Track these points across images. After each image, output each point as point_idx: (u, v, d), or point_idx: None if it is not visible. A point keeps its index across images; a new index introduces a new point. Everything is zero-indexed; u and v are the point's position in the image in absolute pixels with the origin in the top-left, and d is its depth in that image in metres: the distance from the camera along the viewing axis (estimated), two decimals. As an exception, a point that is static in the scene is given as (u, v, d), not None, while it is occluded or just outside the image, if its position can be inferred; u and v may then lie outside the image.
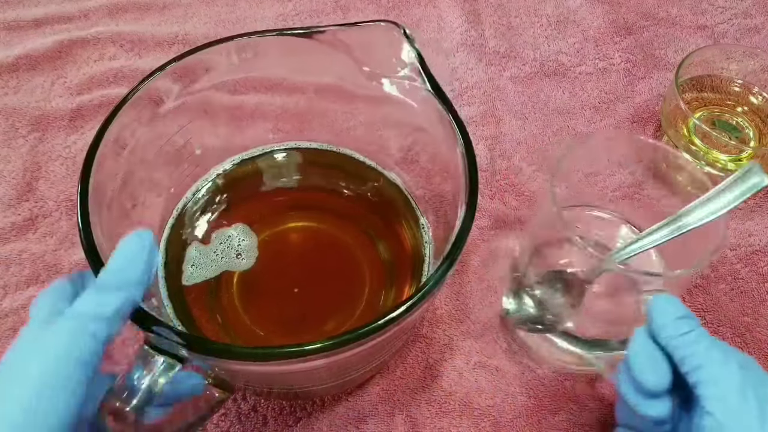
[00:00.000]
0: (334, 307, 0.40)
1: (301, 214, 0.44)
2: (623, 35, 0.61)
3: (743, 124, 0.52)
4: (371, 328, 0.28)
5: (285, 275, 0.41)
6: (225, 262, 0.41)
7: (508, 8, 0.63)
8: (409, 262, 0.42)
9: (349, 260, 0.42)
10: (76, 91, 0.56)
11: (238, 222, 0.43)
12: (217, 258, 0.41)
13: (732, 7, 0.64)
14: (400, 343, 0.40)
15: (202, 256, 0.41)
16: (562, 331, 0.40)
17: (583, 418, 0.41)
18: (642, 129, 0.55)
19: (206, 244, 0.42)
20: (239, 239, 0.42)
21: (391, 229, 0.43)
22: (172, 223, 0.42)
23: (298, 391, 0.38)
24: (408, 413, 0.41)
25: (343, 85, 0.42)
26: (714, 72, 0.54)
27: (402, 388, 0.42)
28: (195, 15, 0.62)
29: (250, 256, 0.41)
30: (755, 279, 0.47)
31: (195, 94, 0.40)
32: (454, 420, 0.41)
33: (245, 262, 0.41)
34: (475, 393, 0.42)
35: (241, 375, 0.32)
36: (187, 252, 0.41)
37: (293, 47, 0.39)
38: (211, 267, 0.41)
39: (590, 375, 0.42)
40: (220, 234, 0.42)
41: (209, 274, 0.40)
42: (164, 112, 0.39)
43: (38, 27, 0.60)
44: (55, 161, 0.51)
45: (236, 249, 0.41)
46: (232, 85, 0.42)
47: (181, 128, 0.41)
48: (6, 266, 0.46)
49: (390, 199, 0.44)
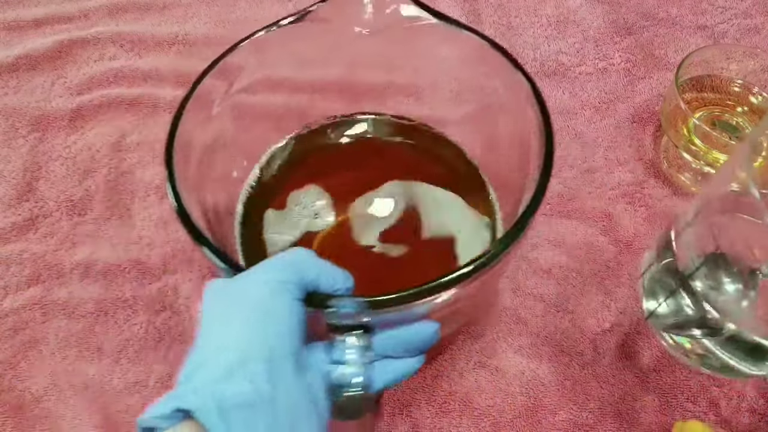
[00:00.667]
0: (412, 268, 0.41)
1: (370, 175, 0.45)
2: (623, 35, 0.61)
3: (743, 124, 0.52)
4: (484, 260, 0.29)
5: (347, 239, 0.42)
6: (305, 223, 0.42)
7: (508, 8, 0.63)
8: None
9: (419, 224, 0.43)
10: (76, 91, 0.56)
11: (309, 184, 0.43)
12: (296, 221, 0.42)
13: (732, 7, 0.64)
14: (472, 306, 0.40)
15: (280, 220, 0.42)
16: (728, 336, 0.33)
17: (583, 418, 0.41)
18: (642, 129, 0.55)
19: (281, 209, 0.42)
20: (313, 200, 0.42)
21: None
22: (249, 193, 0.43)
23: None
24: (408, 413, 0.41)
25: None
26: (714, 72, 0.54)
27: (402, 388, 0.42)
28: (195, 15, 0.62)
29: (327, 216, 0.42)
30: (755, 279, 0.47)
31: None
32: (454, 420, 0.41)
33: (323, 222, 0.42)
34: (475, 393, 0.42)
35: None
36: (265, 218, 0.42)
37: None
38: (292, 230, 0.41)
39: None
40: (294, 197, 0.43)
41: (291, 238, 0.41)
42: (241, 87, 0.40)
43: (38, 27, 0.60)
44: (55, 161, 0.51)
45: (312, 210, 0.42)
46: (299, 63, 0.44)
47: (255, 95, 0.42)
48: (6, 266, 0.46)
49: (455, 166, 0.45)
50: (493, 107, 0.42)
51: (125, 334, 0.44)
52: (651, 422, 0.41)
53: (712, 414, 0.41)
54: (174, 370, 0.42)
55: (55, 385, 0.42)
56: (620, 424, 0.41)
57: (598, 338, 0.44)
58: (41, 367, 0.43)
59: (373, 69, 0.47)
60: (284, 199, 0.43)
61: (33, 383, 0.42)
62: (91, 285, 0.46)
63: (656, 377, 0.43)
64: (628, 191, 0.51)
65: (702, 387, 0.42)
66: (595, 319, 0.45)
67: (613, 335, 0.44)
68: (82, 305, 0.45)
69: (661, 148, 0.54)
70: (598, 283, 0.46)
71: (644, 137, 0.54)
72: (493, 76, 0.40)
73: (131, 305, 0.45)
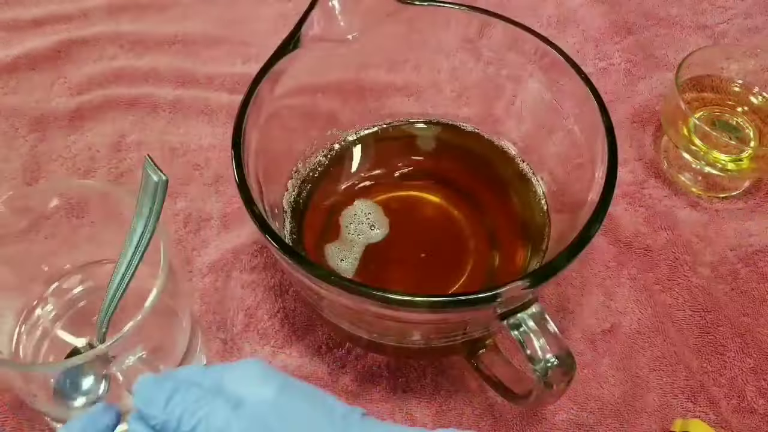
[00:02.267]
0: (458, 271, 0.42)
1: (410, 183, 0.47)
2: (623, 35, 0.61)
3: (743, 124, 0.52)
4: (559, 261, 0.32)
5: (408, 241, 0.44)
6: (364, 237, 0.43)
7: (509, 8, 0.63)
8: (518, 228, 0.44)
9: (461, 227, 0.44)
10: (76, 91, 0.56)
11: (355, 198, 0.45)
12: (355, 237, 0.42)
13: (732, 7, 0.64)
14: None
15: (342, 243, 0.42)
16: None
17: (583, 418, 0.41)
18: (642, 129, 0.55)
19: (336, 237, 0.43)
20: (366, 213, 0.43)
21: (501, 196, 0.46)
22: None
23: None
24: (408, 412, 0.41)
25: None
26: (714, 72, 0.54)
27: (402, 387, 0.42)
28: (195, 15, 0.62)
29: (382, 226, 0.43)
30: (755, 279, 0.47)
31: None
32: (454, 420, 0.41)
33: (380, 232, 0.43)
34: (476, 393, 0.42)
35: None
36: (326, 249, 0.42)
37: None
38: (355, 248, 0.42)
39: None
40: (347, 214, 0.44)
41: (357, 256, 0.42)
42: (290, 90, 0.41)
43: (38, 27, 0.60)
44: (55, 161, 0.51)
45: (368, 222, 0.43)
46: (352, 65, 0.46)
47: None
48: (6, 266, 0.46)
49: (499, 166, 0.47)
50: (551, 119, 0.43)
51: (125, 334, 0.44)
52: (651, 422, 0.41)
53: (712, 414, 0.41)
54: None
55: (55, 385, 0.42)
56: (620, 424, 0.41)
57: (598, 338, 0.44)
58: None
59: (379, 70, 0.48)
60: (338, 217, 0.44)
61: (33, 383, 0.42)
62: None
63: (656, 377, 0.43)
64: (628, 191, 0.51)
65: (702, 387, 0.42)
66: (595, 319, 0.45)
67: (613, 335, 0.44)
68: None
69: (661, 148, 0.54)
70: (598, 284, 0.46)
71: (644, 137, 0.54)
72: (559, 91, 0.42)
73: (131, 305, 0.45)
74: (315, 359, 0.43)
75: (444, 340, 0.38)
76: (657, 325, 0.45)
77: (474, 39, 0.44)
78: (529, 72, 0.43)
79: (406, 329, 0.37)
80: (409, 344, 0.39)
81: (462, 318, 0.34)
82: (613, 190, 0.35)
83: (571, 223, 0.38)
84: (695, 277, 0.47)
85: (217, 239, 0.48)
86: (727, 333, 0.44)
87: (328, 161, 0.46)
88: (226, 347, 0.43)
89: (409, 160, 0.48)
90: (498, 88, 0.46)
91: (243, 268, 0.46)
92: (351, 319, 0.38)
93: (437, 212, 0.45)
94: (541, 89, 0.43)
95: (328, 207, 0.45)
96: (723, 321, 0.45)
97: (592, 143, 0.38)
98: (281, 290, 0.45)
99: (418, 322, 0.35)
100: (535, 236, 0.43)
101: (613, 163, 0.36)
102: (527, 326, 0.31)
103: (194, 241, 0.47)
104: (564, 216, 0.42)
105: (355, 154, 0.47)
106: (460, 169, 0.47)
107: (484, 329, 0.37)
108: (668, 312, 0.45)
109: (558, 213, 0.43)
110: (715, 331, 0.44)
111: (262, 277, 0.46)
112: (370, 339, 0.39)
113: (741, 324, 0.45)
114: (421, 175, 0.47)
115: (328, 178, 0.46)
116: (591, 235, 0.33)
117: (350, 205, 0.44)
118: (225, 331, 0.44)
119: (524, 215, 0.45)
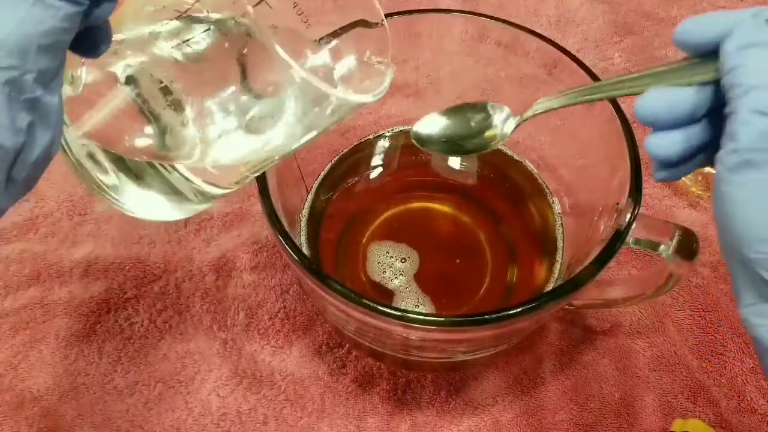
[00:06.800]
0: (478, 284, 0.43)
1: (424, 194, 0.48)
2: (623, 35, 0.61)
3: (743, 124, 0.53)
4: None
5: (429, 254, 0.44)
6: (392, 274, 0.43)
7: (509, 8, 0.63)
8: (537, 241, 0.45)
9: (481, 240, 0.45)
10: (76, 91, 0.56)
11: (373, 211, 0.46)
12: (388, 277, 0.43)
13: (732, 7, 0.64)
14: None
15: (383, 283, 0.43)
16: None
17: (583, 418, 0.41)
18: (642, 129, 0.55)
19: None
20: (390, 255, 0.44)
21: (517, 208, 0.46)
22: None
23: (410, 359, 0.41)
24: (408, 412, 0.41)
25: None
26: (714, 72, 0.54)
27: (403, 387, 0.42)
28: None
29: (413, 261, 0.44)
30: (755, 279, 0.47)
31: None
32: (454, 420, 0.41)
33: (409, 265, 0.44)
34: (476, 393, 0.42)
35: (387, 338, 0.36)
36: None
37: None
38: (394, 281, 0.43)
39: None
40: (375, 251, 0.44)
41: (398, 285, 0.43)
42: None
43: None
44: (56, 161, 0.51)
45: (397, 257, 0.44)
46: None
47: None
48: (7, 265, 0.46)
49: (516, 179, 0.47)
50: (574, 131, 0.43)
51: (126, 333, 0.44)
52: (651, 422, 0.41)
53: (712, 414, 0.41)
54: (175, 368, 0.42)
55: (56, 385, 0.42)
56: (620, 424, 0.41)
57: (598, 338, 0.44)
58: (42, 366, 0.43)
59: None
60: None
61: (33, 383, 0.42)
62: (92, 284, 0.46)
63: (656, 377, 0.43)
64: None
65: (702, 387, 0.42)
66: (595, 320, 0.45)
67: (613, 335, 0.44)
68: (83, 305, 0.45)
69: (661, 148, 0.54)
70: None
71: (644, 137, 0.54)
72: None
73: (132, 304, 0.45)
74: (315, 359, 0.43)
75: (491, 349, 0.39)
76: (657, 325, 0.45)
77: (474, 42, 0.45)
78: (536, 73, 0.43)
79: (454, 347, 0.38)
80: (452, 358, 0.40)
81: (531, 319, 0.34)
82: (641, 195, 0.35)
83: (581, 227, 0.38)
84: (695, 277, 0.47)
85: (218, 239, 0.48)
86: (727, 333, 0.44)
87: (341, 169, 0.47)
88: (227, 347, 0.43)
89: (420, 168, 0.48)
90: (502, 89, 0.46)
91: (243, 267, 0.46)
92: (392, 347, 0.38)
93: (453, 223, 0.46)
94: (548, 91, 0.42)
95: (347, 218, 0.45)
96: (723, 321, 0.45)
97: (607, 144, 0.38)
98: (282, 290, 0.45)
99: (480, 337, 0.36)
100: (548, 241, 0.44)
101: (637, 166, 0.36)
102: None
103: (195, 240, 0.48)
104: (571, 220, 0.43)
105: (369, 161, 0.48)
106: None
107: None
108: (668, 312, 0.45)
109: (568, 216, 0.44)
110: (715, 331, 0.45)
111: (262, 276, 0.46)
112: (406, 358, 0.40)
113: (741, 324, 0.45)
114: (432, 182, 0.48)
115: (343, 189, 0.46)
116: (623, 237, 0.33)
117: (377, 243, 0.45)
118: (225, 330, 0.44)
119: (536, 221, 0.45)
